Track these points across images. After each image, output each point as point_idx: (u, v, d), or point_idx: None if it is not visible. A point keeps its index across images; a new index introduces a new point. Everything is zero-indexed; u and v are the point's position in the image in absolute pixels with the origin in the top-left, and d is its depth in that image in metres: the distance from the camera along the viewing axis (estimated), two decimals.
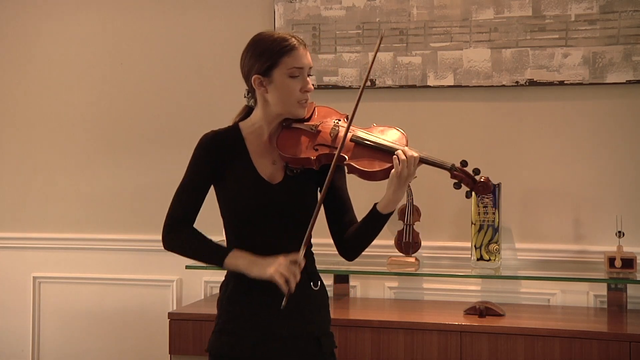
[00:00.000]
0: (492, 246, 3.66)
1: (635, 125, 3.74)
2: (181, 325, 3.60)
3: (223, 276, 2.56)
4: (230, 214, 2.49)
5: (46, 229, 4.36)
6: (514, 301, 3.79)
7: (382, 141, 2.47)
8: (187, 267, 3.87)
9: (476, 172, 2.48)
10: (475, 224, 3.69)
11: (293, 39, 2.45)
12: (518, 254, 3.81)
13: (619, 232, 3.57)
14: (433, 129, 3.92)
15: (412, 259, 3.75)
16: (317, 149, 2.47)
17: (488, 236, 3.67)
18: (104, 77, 4.30)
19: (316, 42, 4.00)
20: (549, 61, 3.76)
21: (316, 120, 2.53)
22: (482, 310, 3.48)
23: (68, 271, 4.33)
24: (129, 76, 4.28)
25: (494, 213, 3.66)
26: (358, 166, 2.44)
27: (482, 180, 2.47)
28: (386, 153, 2.44)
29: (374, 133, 2.51)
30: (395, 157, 2.39)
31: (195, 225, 2.50)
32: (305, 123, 2.51)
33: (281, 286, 2.31)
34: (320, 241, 2.63)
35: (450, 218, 3.88)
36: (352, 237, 2.51)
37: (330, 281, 3.93)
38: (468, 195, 2.49)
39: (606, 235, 3.69)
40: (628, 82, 3.70)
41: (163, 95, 4.24)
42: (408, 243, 3.77)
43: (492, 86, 3.84)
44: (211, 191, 2.52)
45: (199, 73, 4.19)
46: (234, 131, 2.52)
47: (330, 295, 3.87)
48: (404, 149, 2.41)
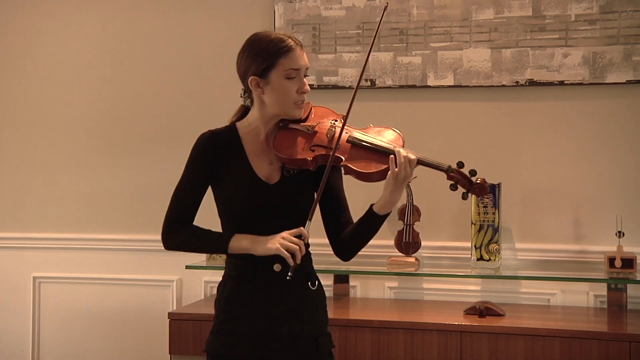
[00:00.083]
0: (492, 246, 3.66)
1: (635, 125, 3.74)
2: (181, 325, 3.60)
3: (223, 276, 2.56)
4: (227, 214, 2.49)
5: (46, 229, 4.35)
6: (514, 301, 3.79)
7: (379, 142, 2.47)
8: (187, 267, 3.87)
9: (472, 174, 2.48)
10: (475, 224, 3.69)
11: (290, 40, 2.44)
12: (518, 254, 3.81)
13: (619, 232, 3.57)
14: (433, 129, 3.92)
15: (412, 259, 3.75)
16: (314, 150, 2.46)
17: (488, 236, 3.67)
18: (104, 77, 4.30)
19: (316, 42, 4.00)
20: (549, 61, 3.76)
21: (313, 120, 2.53)
22: (482, 310, 3.48)
23: (68, 271, 4.33)
24: (129, 76, 4.28)
25: (494, 213, 3.66)
26: (354, 167, 2.44)
27: (479, 182, 2.47)
28: (383, 154, 2.44)
29: (371, 134, 2.51)
30: (391, 159, 2.39)
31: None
32: (301, 124, 2.51)
33: (287, 259, 2.33)
34: (320, 241, 2.63)
35: (450, 218, 3.87)
36: (348, 238, 2.51)
37: (330, 281, 3.93)
38: (464, 196, 2.49)
39: (606, 235, 3.69)
40: (628, 82, 3.70)
41: (163, 95, 4.24)
42: (408, 243, 3.77)
43: (492, 86, 3.84)
44: (209, 191, 2.52)
45: (199, 73, 4.19)
46: (231, 131, 2.52)
47: (330, 295, 3.90)
48: (400, 151, 2.41)
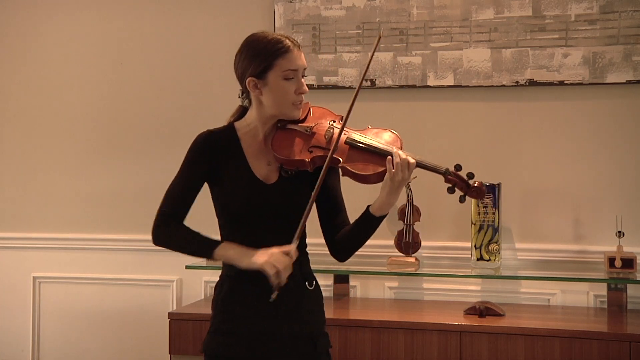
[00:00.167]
0: (492, 246, 3.66)
1: (635, 125, 3.74)
2: (181, 325, 3.60)
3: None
4: (225, 214, 2.48)
5: (46, 229, 4.35)
6: (514, 301, 3.79)
7: (377, 144, 2.46)
8: (187, 267, 3.87)
9: (470, 177, 2.47)
10: (475, 224, 3.69)
11: (287, 41, 2.43)
12: (518, 254, 3.81)
13: (619, 232, 3.58)
14: (433, 129, 3.92)
15: (412, 259, 3.75)
16: (312, 151, 2.46)
17: (488, 236, 3.67)
18: (104, 77, 4.30)
19: (316, 42, 4.00)
20: (549, 61, 3.76)
21: (311, 121, 2.52)
22: (482, 310, 3.48)
23: (68, 271, 4.33)
24: (129, 76, 4.28)
25: (494, 213, 3.66)
26: (352, 169, 2.43)
27: (476, 185, 2.46)
28: (381, 156, 2.43)
29: (369, 135, 2.50)
30: (389, 160, 2.39)
31: (190, 225, 2.49)
32: (300, 124, 2.50)
33: (270, 277, 2.30)
34: (320, 241, 2.63)
35: (450, 218, 3.87)
36: (345, 239, 2.51)
37: (330, 281, 3.93)
38: (462, 199, 2.48)
39: (606, 235, 3.69)
40: (628, 82, 3.70)
41: (163, 95, 4.24)
42: (408, 243, 3.77)
43: (492, 86, 3.84)
44: (206, 191, 2.52)
45: (199, 73, 4.19)
46: (229, 131, 2.51)
47: (330, 295, 3.91)
48: (398, 153, 2.40)
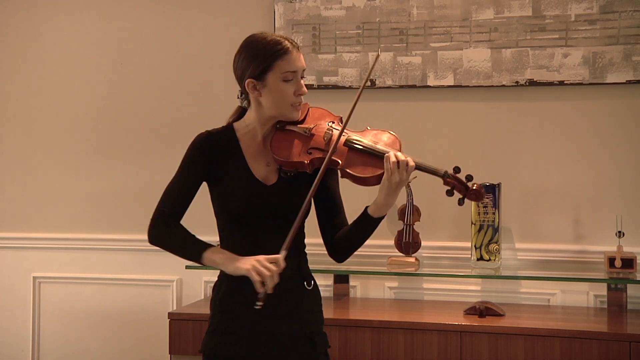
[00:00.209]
0: (492, 246, 3.65)
1: (635, 125, 3.74)
2: (181, 325, 3.60)
3: None
4: (224, 215, 2.48)
5: (46, 229, 4.35)
6: (514, 301, 3.79)
7: (376, 146, 2.45)
8: (187, 267, 3.86)
9: (469, 179, 2.46)
10: (475, 224, 3.69)
11: (286, 42, 2.43)
12: (518, 254, 3.81)
13: (619, 232, 3.57)
14: (433, 129, 3.92)
15: (412, 259, 3.75)
16: (311, 153, 2.45)
17: (488, 236, 3.67)
18: (104, 77, 4.30)
19: (316, 42, 4.00)
20: (549, 61, 3.76)
21: (310, 122, 2.52)
22: (482, 310, 3.48)
23: (68, 271, 4.33)
24: (129, 76, 4.28)
25: (494, 213, 3.66)
26: (351, 171, 2.43)
27: (475, 187, 2.45)
28: (380, 158, 2.42)
29: (368, 137, 2.49)
30: (385, 161, 2.38)
31: (189, 225, 2.48)
32: (299, 125, 2.50)
33: (255, 284, 2.28)
34: (320, 241, 2.62)
35: (450, 218, 3.87)
36: (343, 239, 2.51)
37: (330, 281, 3.93)
38: (460, 202, 2.47)
39: (606, 235, 3.69)
40: (628, 82, 3.70)
41: (163, 95, 4.24)
42: (408, 243, 3.77)
43: (492, 86, 3.84)
44: (205, 191, 2.52)
45: (199, 73, 4.18)
46: (228, 132, 2.51)
47: (330, 295, 3.91)
48: (397, 155, 2.39)
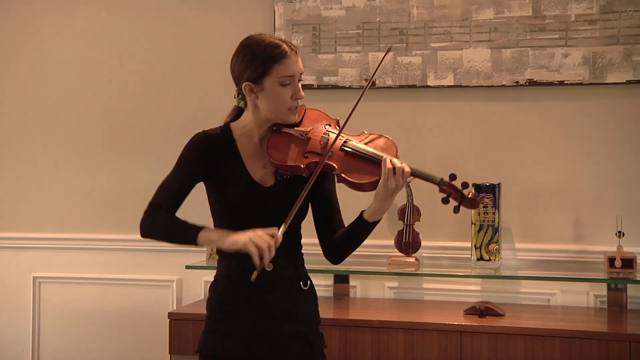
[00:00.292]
0: (492, 246, 3.65)
1: (635, 125, 3.74)
2: (181, 325, 3.60)
3: None
4: (221, 215, 2.48)
5: (46, 229, 4.35)
6: (514, 301, 3.79)
7: (373, 152, 2.45)
8: (187, 267, 3.87)
9: (464, 186, 2.46)
10: (475, 224, 3.69)
11: (284, 45, 2.42)
12: (518, 254, 3.81)
13: (619, 232, 3.57)
14: (433, 129, 3.91)
15: (412, 259, 3.75)
16: (307, 157, 2.45)
17: (488, 236, 3.67)
18: (104, 77, 4.30)
19: (316, 42, 4.00)
20: (549, 61, 3.76)
21: (306, 124, 2.51)
22: (482, 310, 3.48)
23: (68, 271, 4.32)
24: (129, 76, 4.28)
25: (494, 213, 3.66)
26: (347, 177, 2.42)
27: (470, 196, 2.45)
28: (376, 164, 2.42)
29: (364, 141, 2.49)
30: (383, 166, 2.38)
31: None
32: (295, 128, 2.49)
33: (253, 257, 2.25)
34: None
35: (450, 218, 3.83)
36: (339, 242, 2.52)
37: (330, 281, 3.93)
38: (456, 210, 2.46)
39: (606, 235, 3.68)
40: (628, 82, 3.70)
41: (163, 95, 4.24)
42: (408, 243, 3.77)
43: (492, 86, 3.84)
44: (202, 191, 2.51)
45: (199, 73, 4.18)
46: (226, 132, 2.51)
47: (330, 295, 3.91)
48: (393, 161, 2.39)
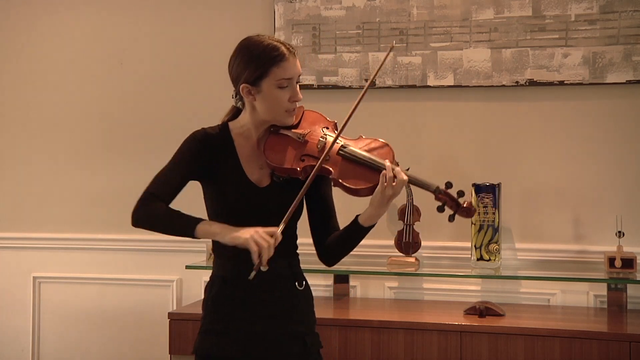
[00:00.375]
0: (492, 246, 3.65)
1: (635, 125, 3.74)
2: (181, 325, 3.60)
3: None
4: (217, 214, 2.47)
5: (46, 229, 4.35)
6: (514, 301, 3.79)
7: (370, 157, 2.44)
8: (187, 267, 3.87)
9: (460, 195, 2.45)
10: (475, 224, 3.69)
11: (282, 48, 2.41)
12: (518, 254, 3.81)
13: (619, 232, 3.57)
14: (433, 129, 3.92)
15: (412, 259, 3.75)
16: (304, 160, 2.45)
17: (488, 236, 3.67)
18: (104, 77, 4.30)
19: (316, 42, 4.00)
20: (549, 61, 3.76)
21: (304, 127, 2.51)
22: (482, 310, 3.48)
23: (68, 271, 4.32)
24: (129, 76, 4.28)
25: (494, 213, 3.66)
26: (343, 182, 2.42)
27: (465, 205, 2.44)
28: (372, 170, 2.42)
29: (362, 146, 2.48)
30: (382, 176, 2.37)
31: None
32: (293, 130, 2.49)
33: (253, 254, 2.26)
34: None
35: None
36: (333, 245, 2.52)
37: (330, 281, 3.93)
38: (451, 219, 2.44)
39: (606, 235, 3.68)
40: (628, 82, 3.70)
41: (163, 95, 4.24)
42: (408, 243, 3.77)
43: (492, 86, 3.84)
44: (198, 190, 2.51)
45: (199, 73, 4.18)
46: (224, 131, 2.51)
47: (330, 295, 3.91)
48: (391, 168, 2.38)
